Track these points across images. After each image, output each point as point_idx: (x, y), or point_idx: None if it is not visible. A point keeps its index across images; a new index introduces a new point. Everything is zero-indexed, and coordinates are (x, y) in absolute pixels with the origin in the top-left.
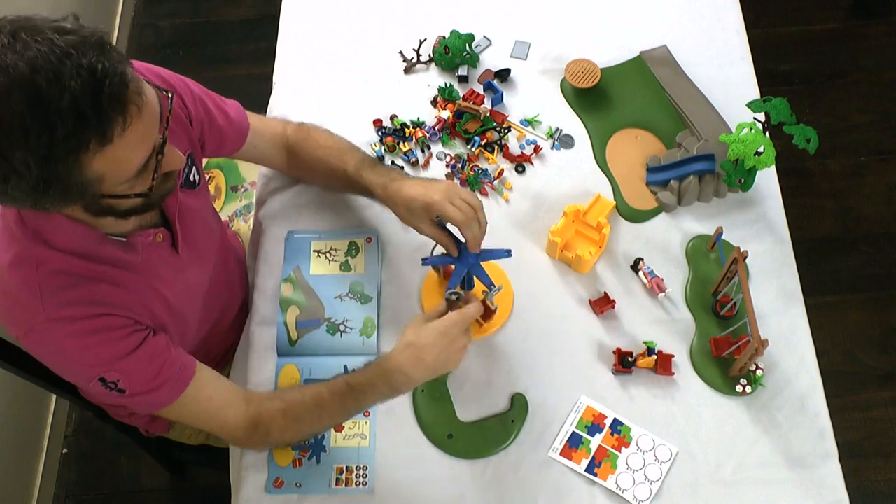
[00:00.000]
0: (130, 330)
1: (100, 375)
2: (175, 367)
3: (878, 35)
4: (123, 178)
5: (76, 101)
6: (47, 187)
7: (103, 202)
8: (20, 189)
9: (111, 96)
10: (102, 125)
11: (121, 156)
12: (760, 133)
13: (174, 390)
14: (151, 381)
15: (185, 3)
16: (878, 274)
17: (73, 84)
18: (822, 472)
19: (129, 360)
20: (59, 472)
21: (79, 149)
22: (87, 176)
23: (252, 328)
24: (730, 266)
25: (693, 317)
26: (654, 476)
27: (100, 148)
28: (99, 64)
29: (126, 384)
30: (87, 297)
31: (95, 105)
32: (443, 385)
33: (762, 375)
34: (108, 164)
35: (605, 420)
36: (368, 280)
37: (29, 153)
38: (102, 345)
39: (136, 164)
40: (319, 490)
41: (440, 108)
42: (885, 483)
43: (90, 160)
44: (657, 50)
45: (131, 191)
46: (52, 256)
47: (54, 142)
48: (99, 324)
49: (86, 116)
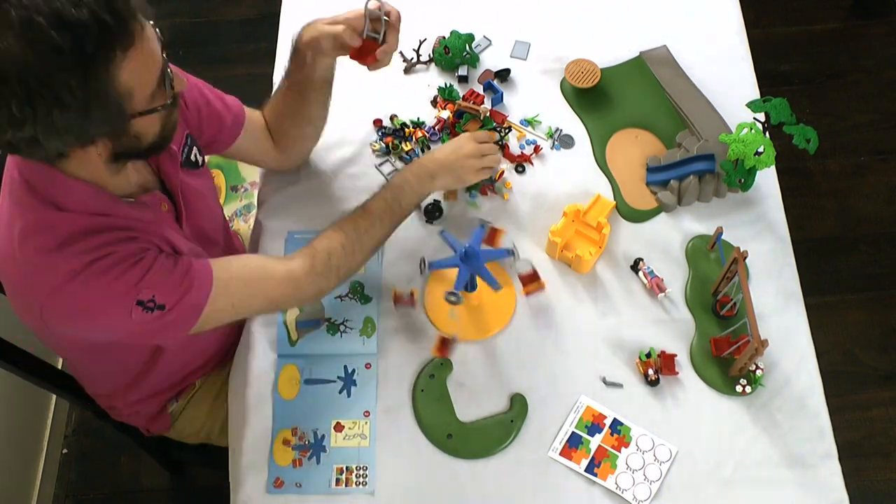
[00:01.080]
0: (141, 254)
1: (135, 299)
2: (195, 264)
3: (878, 35)
4: (147, 90)
5: (94, 12)
6: (88, 110)
7: (131, 127)
8: (65, 119)
9: (123, 1)
10: (123, 30)
11: (142, 65)
12: (760, 133)
13: (205, 280)
14: (181, 284)
15: (185, 3)
16: (878, 274)
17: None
18: (822, 472)
19: (152, 274)
20: (59, 472)
21: (108, 58)
22: (119, 90)
23: (252, 328)
24: (730, 266)
25: (693, 317)
26: (654, 476)
27: (124, 55)
28: None
29: (162, 297)
30: (102, 241)
31: (112, 12)
32: (443, 385)
33: (762, 375)
34: (134, 73)
35: (604, 420)
36: (368, 280)
37: (67, 74)
38: (124, 272)
39: (155, 74)
40: (319, 490)
41: (440, 108)
42: (885, 483)
43: (118, 70)
44: (657, 50)
45: (154, 104)
46: (67, 218)
47: (85, 56)
48: (115, 258)
49: (107, 23)
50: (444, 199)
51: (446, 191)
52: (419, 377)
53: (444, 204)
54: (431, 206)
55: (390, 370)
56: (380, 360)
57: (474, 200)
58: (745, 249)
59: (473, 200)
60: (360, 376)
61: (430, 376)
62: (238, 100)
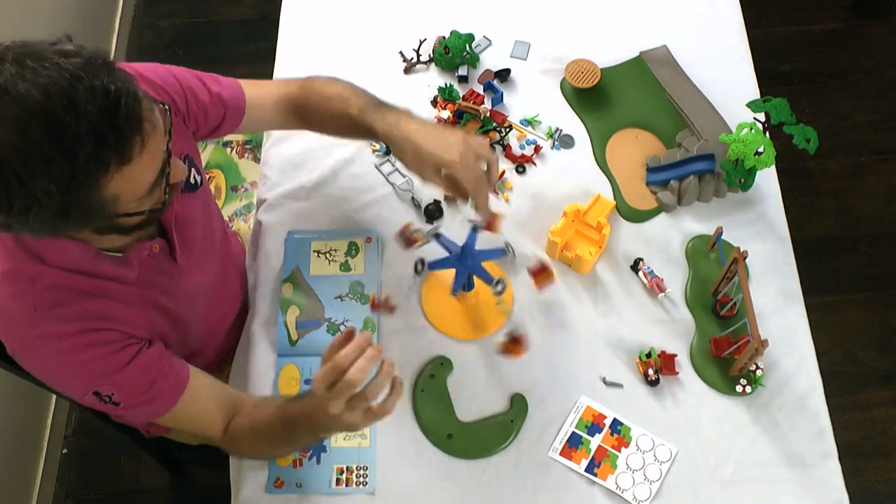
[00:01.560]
0: (124, 343)
1: (94, 389)
2: (169, 380)
3: (878, 35)
4: (137, 195)
5: (94, 124)
6: (68, 213)
7: (115, 222)
8: (41, 218)
9: (127, 116)
10: (121, 146)
11: (136, 174)
12: (760, 133)
13: (168, 401)
14: (145, 394)
15: (185, 3)
16: (878, 274)
17: (90, 107)
18: (822, 472)
19: (122, 374)
20: (59, 472)
21: (98, 171)
22: (104, 197)
23: (252, 328)
24: (730, 266)
25: (693, 317)
26: (654, 476)
27: (118, 169)
28: (111, 85)
29: (120, 397)
30: (82, 313)
31: (114, 126)
32: (443, 385)
33: (762, 375)
34: (125, 184)
35: (604, 420)
36: (368, 280)
37: (51, 181)
38: (96, 360)
39: (150, 181)
40: (320, 490)
41: (440, 108)
42: (885, 483)
43: (108, 181)
44: (657, 50)
45: (142, 207)
46: (48, 273)
47: (76, 167)
48: (92, 339)
49: (105, 138)
50: (445, 199)
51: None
52: (419, 377)
53: (444, 204)
54: (432, 205)
55: None
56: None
57: None
58: (745, 249)
59: None
60: None
61: (430, 376)
62: (237, 88)
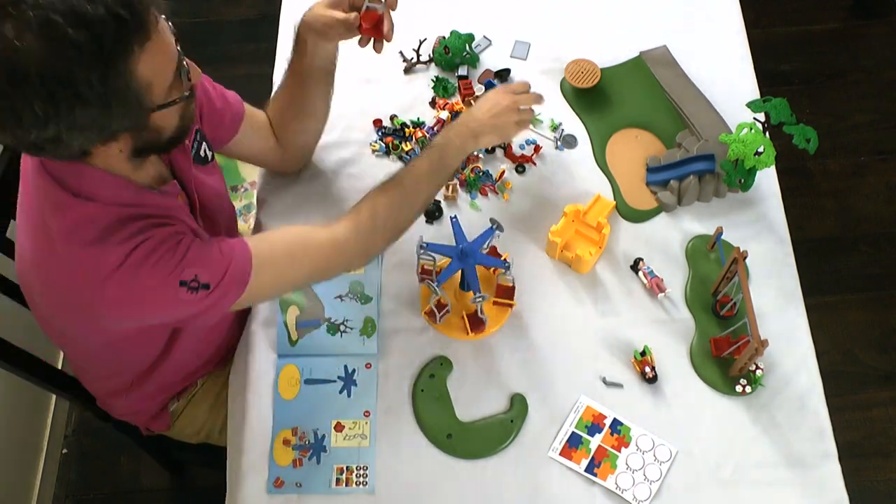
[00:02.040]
0: (178, 236)
1: (179, 280)
2: (230, 241)
3: (878, 35)
4: (165, 83)
5: (109, 7)
6: (109, 105)
7: (151, 121)
8: (88, 115)
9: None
10: (139, 23)
11: (159, 58)
12: (760, 133)
13: (244, 255)
14: (221, 261)
15: (185, 3)
16: (878, 274)
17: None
18: (822, 472)
19: (192, 254)
20: (59, 472)
21: (126, 52)
22: (139, 84)
23: (252, 328)
24: (730, 266)
25: (693, 317)
26: (654, 476)
27: (142, 48)
28: None
29: (205, 276)
30: (139, 227)
31: (127, 5)
32: (443, 385)
33: (762, 375)
34: (152, 66)
35: (604, 420)
36: (368, 280)
37: (87, 69)
38: (163, 255)
39: (171, 67)
40: (320, 490)
41: (439, 108)
42: (885, 483)
43: (137, 64)
44: (657, 50)
45: (172, 96)
46: (104, 210)
47: (104, 51)
48: (152, 242)
49: (123, 18)
50: (445, 199)
51: (446, 192)
52: (419, 377)
53: (444, 204)
54: (432, 205)
55: (390, 370)
56: (380, 360)
57: (474, 200)
58: (745, 249)
59: (473, 200)
60: (361, 376)
61: (430, 376)
62: (238, 95)
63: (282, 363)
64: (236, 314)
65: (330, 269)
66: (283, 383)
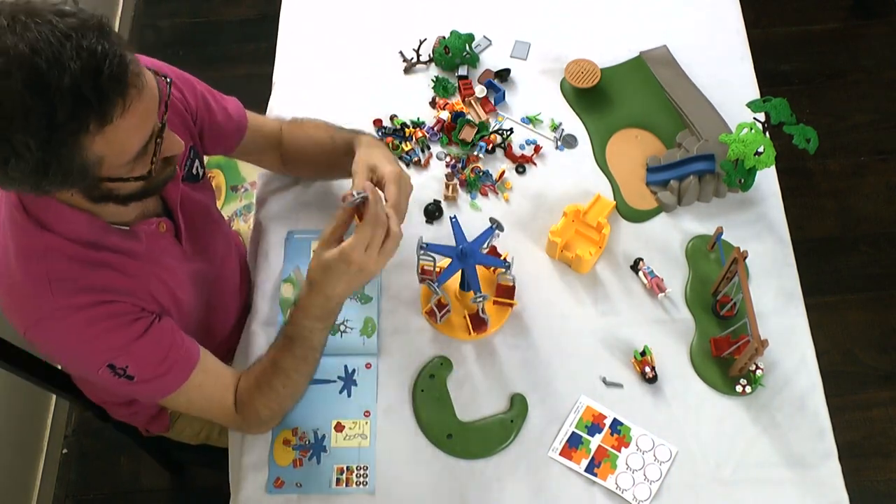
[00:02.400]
0: (136, 315)
1: (108, 362)
2: (181, 352)
3: (878, 35)
4: (123, 160)
5: (76, 82)
6: (47, 169)
7: (103, 186)
8: (20, 170)
9: (111, 77)
10: (102, 106)
11: (120, 138)
12: (760, 133)
13: (181, 374)
14: (159, 366)
15: (185, 3)
16: (878, 274)
17: (73, 65)
18: (822, 472)
19: (137, 345)
20: (59, 472)
21: (79, 130)
22: (86, 158)
23: (252, 328)
24: (730, 266)
25: (693, 317)
26: (654, 476)
27: (99, 129)
28: (99, 45)
29: (135, 370)
30: (95, 284)
31: (96, 86)
32: (443, 385)
33: (762, 375)
34: (108, 146)
35: (604, 420)
36: None
37: (29, 135)
38: (111, 331)
39: (136, 146)
40: (320, 490)
41: (439, 108)
42: (885, 483)
43: (90, 142)
44: (657, 50)
45: (131, 174)
46: (59, 244)
47: (54, 123)
48: (107, 310)
49: (86, 97)
50: (445, 199)
51: (446, 192)
52: (419, 377)
53: (444, 204)
54: (432, 205)
55: (390, 370)
56: (380, 360)
57: (474, 200)
58: (745, 249)
59: (473, 200)
60: (361, 376)
61: (430, 376)
62: (240, 105)
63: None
64: (237, 315)
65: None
66: None
